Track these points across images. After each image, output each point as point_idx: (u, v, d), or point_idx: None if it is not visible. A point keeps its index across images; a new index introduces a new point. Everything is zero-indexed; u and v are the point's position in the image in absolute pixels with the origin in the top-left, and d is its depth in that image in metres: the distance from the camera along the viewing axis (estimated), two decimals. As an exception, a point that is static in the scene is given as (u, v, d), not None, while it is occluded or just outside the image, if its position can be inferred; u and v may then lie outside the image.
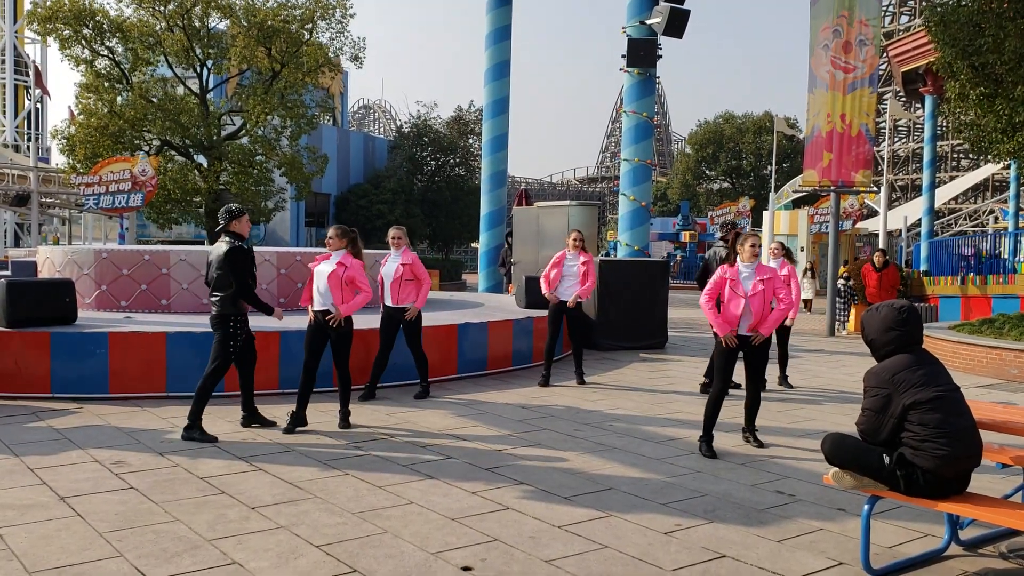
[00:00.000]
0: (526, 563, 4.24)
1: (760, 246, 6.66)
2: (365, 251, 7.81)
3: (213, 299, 6.82)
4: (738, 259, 6.63)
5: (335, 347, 7.20)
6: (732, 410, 7.64)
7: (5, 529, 4.57)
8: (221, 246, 6.81)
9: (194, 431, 6.68)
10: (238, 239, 6.87)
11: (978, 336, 11.88)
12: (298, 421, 7.05)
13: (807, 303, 22.70)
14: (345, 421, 7.26)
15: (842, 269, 18.89)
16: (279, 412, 7.43)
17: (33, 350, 8.15)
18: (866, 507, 4.24)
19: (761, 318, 6.55)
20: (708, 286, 6.69)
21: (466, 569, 4.15)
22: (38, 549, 4.29)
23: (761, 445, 6.81)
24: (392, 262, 8.45)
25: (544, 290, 9.60)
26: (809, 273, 23.43)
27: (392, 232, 8.49)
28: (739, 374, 7.16)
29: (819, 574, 4.19)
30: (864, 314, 4.49)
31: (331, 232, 7.25)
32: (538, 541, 4.55)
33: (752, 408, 6.86)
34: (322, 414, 7.63)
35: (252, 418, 7.24)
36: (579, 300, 9.47)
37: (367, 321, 8.75)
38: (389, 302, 8.44)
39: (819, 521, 4.99)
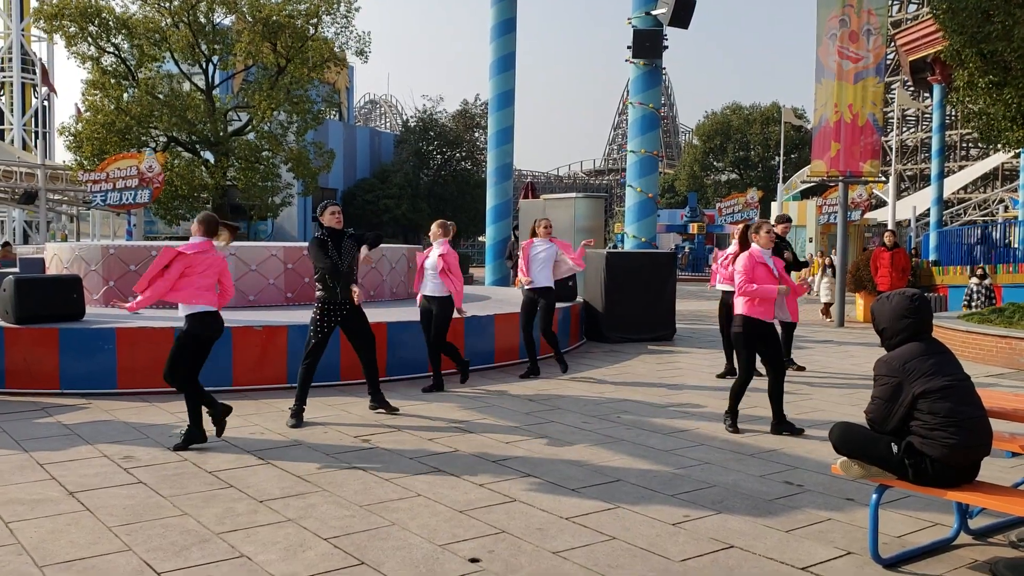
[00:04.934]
0: (534, 555, 4.24)
1: (774, 232, 7.03)
2: (384, 245, 8.15)
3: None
4: (754, 246, 6.90)
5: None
6: (743, 400, 7.60)
7: (15, 524, 4.59)
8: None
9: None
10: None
11: (988, 325, 11.82)
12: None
13: (826, 307, 17.79)
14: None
15: (977, 267, 17.34)
16: (284, 406, 7.41)
17: (41, 346, 8.18)
18: (874, 496, 4.22)
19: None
20: (742, 275, 6.72)
21: (474, 561, 4.15)
22: (48, 543, 4.31)
23: (799, 432, 6.87)
24: (433, 254, 8.56)
25: (522, 278, 9.40)
26: (830, 271, 18.06)
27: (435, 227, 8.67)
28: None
29: (827, 564, 4.18)
30: (875, 303, 4.47)
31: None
32: (546, 533, 4.55)
33: (777, 397, 6.89)
34: (329, 408, 7.64)
35: (378, 403, 7.56)
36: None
37: (380, 315, 8.76)
38: (427, 292, 8.51)
39: (827, 511, 4.97)
